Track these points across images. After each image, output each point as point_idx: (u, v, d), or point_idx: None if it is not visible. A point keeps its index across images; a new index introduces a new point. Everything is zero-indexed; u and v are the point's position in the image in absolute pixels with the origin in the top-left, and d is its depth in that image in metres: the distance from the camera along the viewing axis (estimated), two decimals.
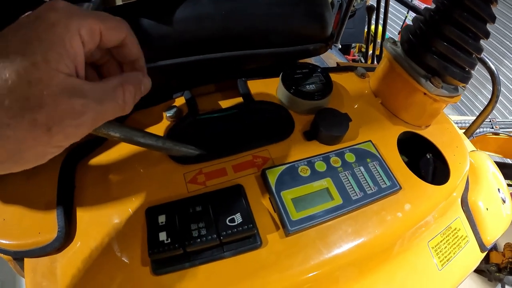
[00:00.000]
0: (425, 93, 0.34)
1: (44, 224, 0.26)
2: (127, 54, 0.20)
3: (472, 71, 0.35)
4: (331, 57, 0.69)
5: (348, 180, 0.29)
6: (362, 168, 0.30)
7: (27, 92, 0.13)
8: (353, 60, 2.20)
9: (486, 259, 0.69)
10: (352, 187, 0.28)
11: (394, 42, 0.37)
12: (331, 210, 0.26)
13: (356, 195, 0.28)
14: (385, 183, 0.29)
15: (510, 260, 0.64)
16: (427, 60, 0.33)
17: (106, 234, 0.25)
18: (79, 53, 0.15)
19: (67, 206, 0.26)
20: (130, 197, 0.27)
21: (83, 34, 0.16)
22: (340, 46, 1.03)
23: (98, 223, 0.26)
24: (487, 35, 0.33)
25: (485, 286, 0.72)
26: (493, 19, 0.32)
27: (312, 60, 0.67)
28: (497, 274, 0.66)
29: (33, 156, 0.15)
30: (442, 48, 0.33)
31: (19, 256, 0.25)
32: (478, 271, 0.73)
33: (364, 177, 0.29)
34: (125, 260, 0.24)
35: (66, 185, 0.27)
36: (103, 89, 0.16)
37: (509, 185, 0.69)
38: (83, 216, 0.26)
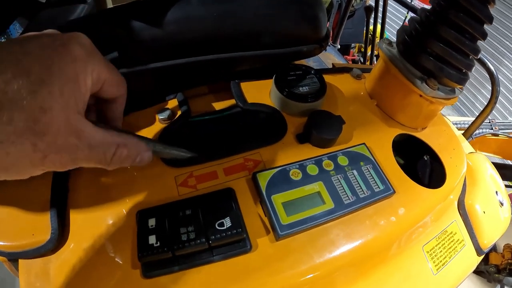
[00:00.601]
0: (420, 95, 0.34)
1: (38, 226, 0.26)
2: (111, 111, 0.21)
3: (469, 72, 0.35)
4: (330, 58, 0.69)
5: (341, 183, 0.28)
6: (355, 172, 0.29)
7: (37, 116, 0.14)
8: (353, 61, 2.19)
9: (486, 260, 0.68)
10: (344, 191, 0.28)
11: (390, 43, 0.37)
12: (323, 214, 0.26)
13: (349, 199, 0.28)
14: (379, 187, 0.29)
15: (509, 261, 0.63)
16: (423, 62, 0.33)
17: (98, 236, 0.25)
18: (88, 91, 0.16)
19: (60, 208, 0.26)
20: (122, 200, 0.27)
21: (94, 77, 0.16)
22: (339, 46, 1.02)
23: (91, 225, 0.26)
24: (484, 36, 0.32)
25: (484, 287, 0.72)
26: (490, 19, 0.31)
27: (310, 61, 0.67)
28: (497, 275, 0.66)
29: (22, 172, 0.16)
30: (438, 50, 0.32)
31: (13, 257, 0.26)
32: (477, 272, 0.72)
33: (357, 181, 0.29)
34: (117, 262, 0.24)
35: (60, 187, 0.27)
36: (100, 139, 0.17)
37: (508, 186, 0.68)
38: (76, 218, 0.26)
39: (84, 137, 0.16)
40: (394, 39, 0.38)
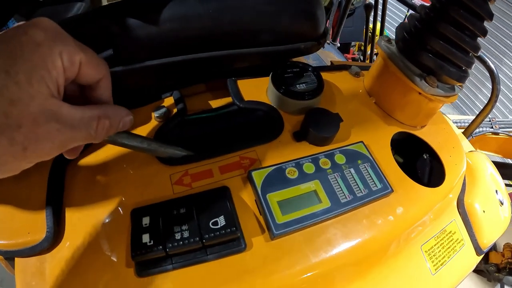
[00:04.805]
0: (420, 93, 0.34)
1: (33, 225, 0.26)
2: (98, 96, 0.20)
3: (469, 70, 0.34)
4: (330, 56, 0.68)
5: (337, 182, 0.28)
6: (352, 170, 0.29)
7: (7, 110, 0.14)
8: (353, 59, 2.17)
9: (485, 259, 0.68)
10: (341, 190, 0.28)
11: (389, 40, 0.36)
12: (319, 213, 0.26)
13: (345, 198, 0.27)
14: (376, 186, 0.29)
15: (509, 260, 0.63)
16: (423, 59, 0.32)
17: (93, 235, 0.25)
18: (60, 74, 0.16)
19: (56, 207, 0.26)
20: (117, 198, 0.27)
21: (64, 58, 0.16)
22: (339, 45, 1.02)
23: (86, 223, 0.26)
24: (484, 32, 0.32)
25: (484, 286, 0.72)
26: (490, 16, 0.31)
27: (310, 59, 0.66)
28: (496, 274, 0.66)
29: (8, 168, 0.16)
30: (437, 47, 0.32)
31: (9, 256, 0.26)
32: (477, 271, 0.72)
33: (354, 179, 0.29)
34: (111, 261, 0.24)
35: (56, 186, 0.27)
36: (80, 116, 0.17)
37: (508, 185, 0.68)
38: (71, 216, 0.26)
39: (64, 118, 0.16)
40: (394, 37, 0.37)
